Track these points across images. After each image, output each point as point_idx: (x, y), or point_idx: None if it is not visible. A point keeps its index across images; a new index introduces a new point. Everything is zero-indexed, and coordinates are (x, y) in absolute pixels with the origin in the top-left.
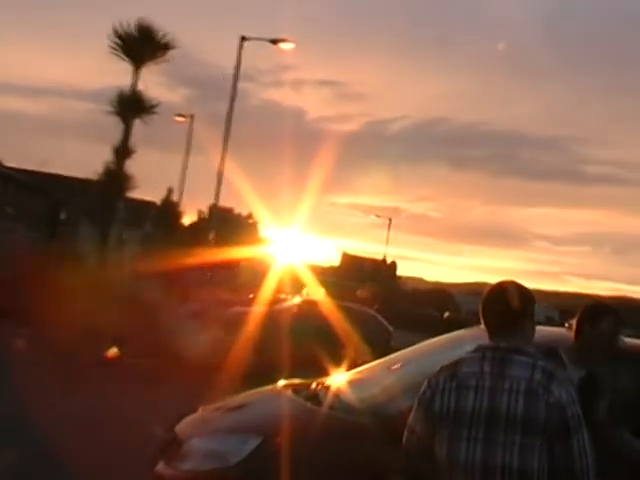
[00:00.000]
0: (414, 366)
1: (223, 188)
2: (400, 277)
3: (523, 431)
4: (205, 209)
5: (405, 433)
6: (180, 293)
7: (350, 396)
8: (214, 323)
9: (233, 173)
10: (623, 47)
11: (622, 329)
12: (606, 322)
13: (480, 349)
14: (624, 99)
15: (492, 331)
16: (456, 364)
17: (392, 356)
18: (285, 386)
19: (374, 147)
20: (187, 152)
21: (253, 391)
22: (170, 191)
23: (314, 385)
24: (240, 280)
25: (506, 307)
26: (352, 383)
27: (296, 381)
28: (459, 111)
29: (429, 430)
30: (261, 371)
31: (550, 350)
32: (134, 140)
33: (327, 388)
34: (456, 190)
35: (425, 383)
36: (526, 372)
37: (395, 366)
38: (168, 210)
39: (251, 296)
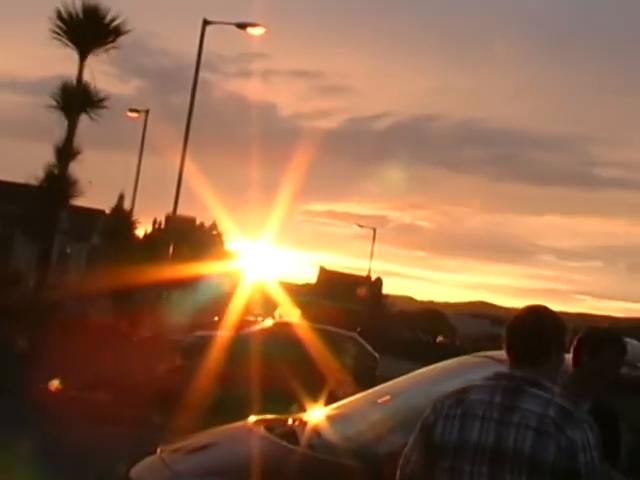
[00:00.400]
0: (405, 399)
1: (183, 194)
2: (387, 296)
3: (529, 471)
4: (162, 218)
5: (400, 464)
6: (132, 316)
7: (332, 434)
8: (172, 350)
9: (194, 177)
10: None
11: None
12: (608, 351)
13: (495, 377)
14: None
15: (514, 359)
16: (464, 390)
17: (379, 387)
18: (257, 422)
19: (356, 148)
20: (141, 153)
21: (219, 428)
22: (121, 198)
23: (290, 421)
24: (202, 300)
25: (536, 335)
26: (334, 419)
27: (269, 416)
28: (454, 107)
29: (427, 460)
30: (227, 405)
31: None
32: (79, 139)
33: (305, 424)
34: (451, 196)
35: (430, 407)
36: (539, 407)
37: (383, 399)
38: (119, 220)
39: (215, 318)
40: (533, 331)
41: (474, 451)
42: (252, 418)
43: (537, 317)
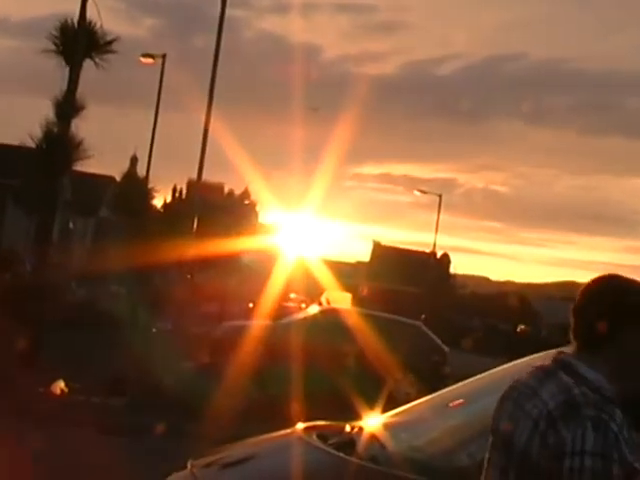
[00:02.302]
0: (483, 403)
1: (208, 157)
2: (455, 276)
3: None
4: (183, 186)
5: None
6: (151, 303)
7: (396, 444)
8: (199, 344)
9: (222, 136)
10: None
11: None
12: None
13: (552, 358)
14: None
15: (574, 341)
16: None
17: (450, 388)
18: (306, 430)
19: (416, 98)
20: (157, 107)
21: (259, 437)
22: (134, 162)
23: (347, 428)
24: (234, 283)
25: (598, 313)
26: (397, 426)
27: (320, 423)
28: (534, 45)
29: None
30: (266, 409)
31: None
32: (83, 91)
33: (363, 433)
34: (532, 155)
35: None
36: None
37: (455, 402)
38: (132, 188)
39: (250, 305)
40: (593, 309)
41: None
42: (300, 425)
43: (599, 291)
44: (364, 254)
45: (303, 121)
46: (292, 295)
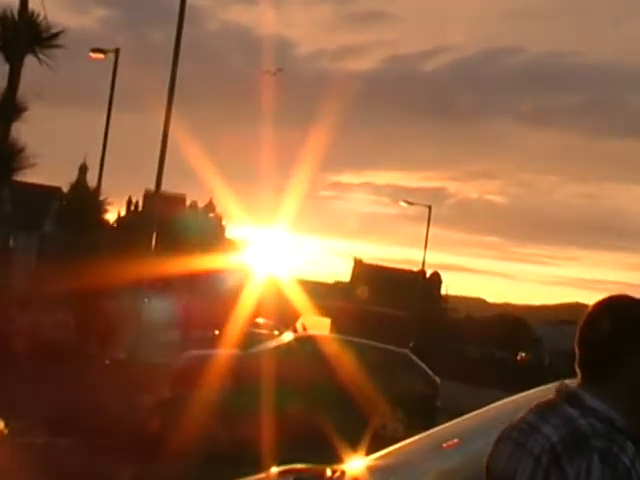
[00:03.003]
0: (480, 443)
1: (168, 165)
2: (447, 297)
3: None
4: (140, 198)
5: None
6: (104, 330)
7: None
8: (159, 376)
9: (183, 141)
10: None
11: None
12: None
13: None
14: None
15: (581, 375)
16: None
17: (443, 426)
18: (282, 474)
19: (401, 96)
20: (109, 109)
21: None
22: (84, 170)
23: (328, 472)
24: (198, 307)
25: (603, 337)
26: (384, 470)
27: (297, 466)
28: (535, 37)
29: None
30: (234, 452)
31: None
32: (25, 91)
33: (347, 477)
34: (532, 160)
35: None
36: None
37: (449, 442)
38: (81, 200)
39: (216, 332)
40: (596, 333)
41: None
42: (274, 469)
43: (603, 312)
44: (344, 273)
45: (275, 124)
46: (261, 320)
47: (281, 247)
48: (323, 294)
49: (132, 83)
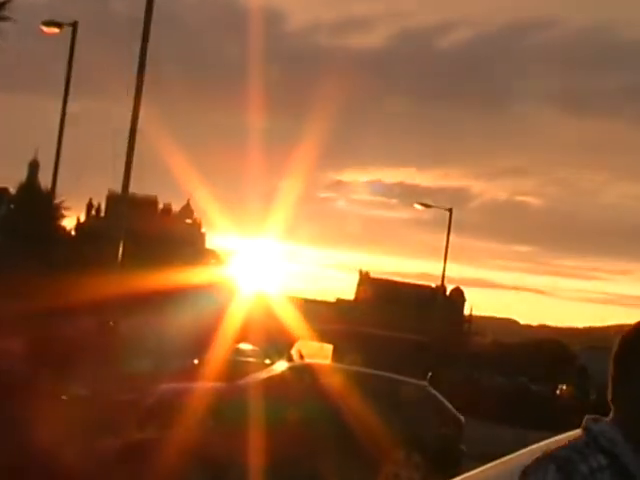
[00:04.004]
0: None
1: (137, 162)
2: (471, 318)
3: None
4: (102, 200)
5: None
6: (60, 359)
7: None
8: (127, 415)
9: (154, 133)
10: None
11: None
12: None
13: None
14: None
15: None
16: None
17: (468, 475)
18: None
19: (412, 79)
20: (66, 95)
21: None
22: (35, 168)
23: None
24: (173, 331)
25: (627, 365)
26: None
27: None
28: (571, 6)
29: None
30: None
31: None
32: None
33: None
34: (572, 154)
35: None
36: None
37: None
38: (32, 203)
39: (195, 361)
40: (622, 360)
41: None
42: None
43: (632, 338)
44: (347, 290)
45: (264, 113)
46: (246, 346)
47: (272, 259)
48: (323, 315)
49: (93, 64)
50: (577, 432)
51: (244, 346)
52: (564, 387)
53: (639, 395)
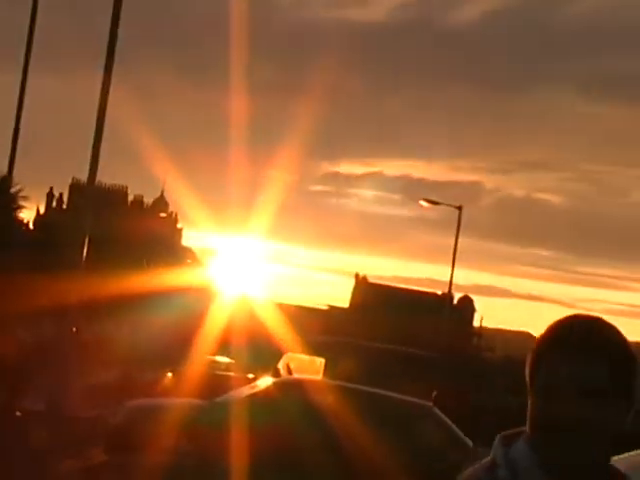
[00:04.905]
0: None
1: (105, 147)
2: (482, 330)
3: None
4: (65, 190)
5: None
6: (13, 371)
7: None
8: (90, 434)
9: (125, 114)
10: None
11: None
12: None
13: None
14: None
15: None
16: None
17: None
18: None
19: (419, 58)
20: (25, 68)
21: None
22: None
23: None
24: (144, 340)
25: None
26: None
27: None
28: None
29: None
30: None
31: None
32: None
33: None
34: (600, 145)
35: None
36: None
37: None
38: None
39: (168, 374)
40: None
41: None
42: None
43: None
44: (342, 296)
45: (250, 93)
46: (222, 359)
47: (257, 260)
48: (314, 324)
49: (57, 33)
50: (617, 458)
51: (220, 359)
52: None
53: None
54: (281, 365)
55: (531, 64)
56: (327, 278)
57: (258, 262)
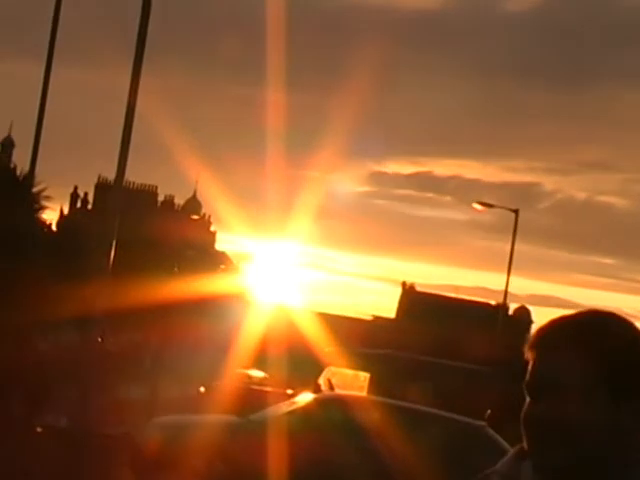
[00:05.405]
0: None
1: (134, 145)
2: None
3: None
4: (90, 190)
5: None
6: (33, 384)
7: None
8: (115, 453)
9: (156, 111)
10: None
11: None
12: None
13: None
14: None
15: None
16: None
17: None
18: None
19: (471, 49)
20: (49, 61)
21: None
22: (9, 147)
23: None
24: (174, 352)
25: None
26: None
27: None
28: None
29: None
30: None
31: None
32: None
33: None
34: None
35: None
36: None
37: None
38: (5, 190)
39: (200, 389)
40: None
41: None
42: None
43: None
44: (387, 305)
45: (288, 87)
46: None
47: (295, 266)
48: (358, 335)
49: (84, 24)
50: None
51: (254, 373)
52: None
53: None
54: (322, 380)
55: (593, 57)
56: (372, 286)
57: (297, 268)
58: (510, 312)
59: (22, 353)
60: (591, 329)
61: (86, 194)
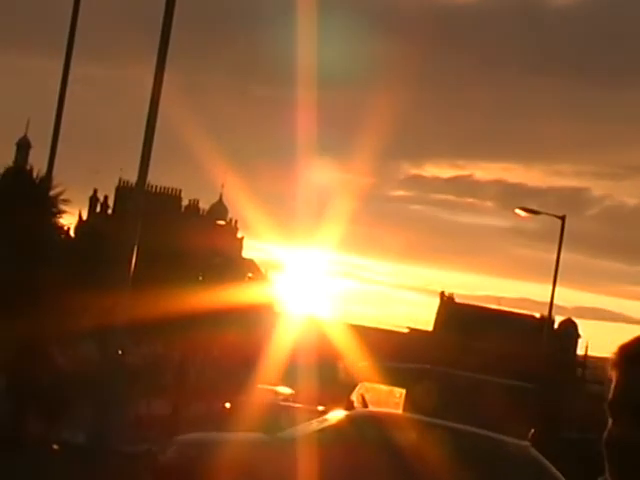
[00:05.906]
0: None
1: (157, 147)
2: (587, 360)
3: None
4: (110, 193)
5: None
6: (50, 399)
7: None
8: (137, 472)
9: (180, 111)
10: None
11: None
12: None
13: None
14: None
15: None
16: None
17: None
18: None
19: (516, 45)
20: (68, 58)
21: None
22: (25, 148)
23: None
24: (199, 365)
25: None
26: None
27: None
28: None
29: None
30: None
31: None
32: None
33: None
34: None
35: None
36: None
37: None
38: (20, 194)
39: (226, 405)
40: None
41: None
42: None
43: None
44: (424, 317)
45: (316, 89)
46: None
47: (327, 275)
48: (392, 349)
49: (105, 19)
50: None
51: (281, 389)
52: None
53: None
54: (355, 396)
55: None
56: (408, 296)
57: (328, 277)
58: (555, 325)
59: (39, 367)
60: None
61: (106, 198)
